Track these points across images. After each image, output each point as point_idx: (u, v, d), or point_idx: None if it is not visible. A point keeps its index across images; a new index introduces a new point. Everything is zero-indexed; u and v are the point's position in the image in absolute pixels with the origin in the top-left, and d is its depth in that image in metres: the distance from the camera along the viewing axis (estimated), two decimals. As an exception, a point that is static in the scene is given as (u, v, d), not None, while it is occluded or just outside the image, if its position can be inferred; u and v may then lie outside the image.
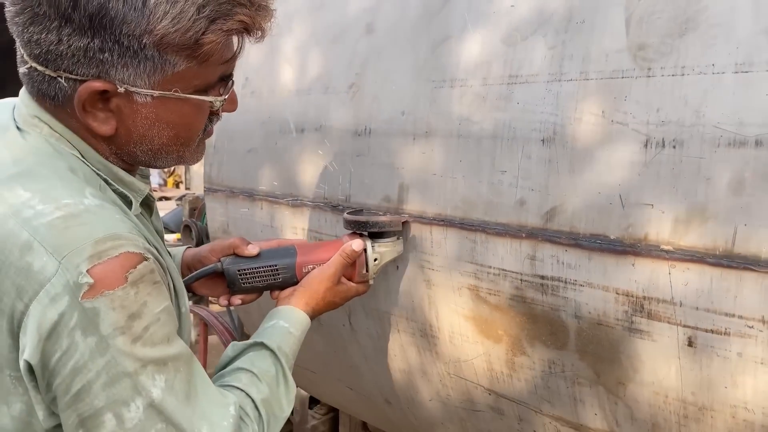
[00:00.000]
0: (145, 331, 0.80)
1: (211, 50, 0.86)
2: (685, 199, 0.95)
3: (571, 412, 1.19)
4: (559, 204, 1.10)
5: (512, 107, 1.16)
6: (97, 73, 0.83)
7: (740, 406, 0.95)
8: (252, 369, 1.02)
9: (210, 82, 0.91)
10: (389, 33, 1.42)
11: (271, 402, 1.01)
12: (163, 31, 0.81)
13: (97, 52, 0.82)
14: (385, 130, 1.40)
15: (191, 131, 0.95)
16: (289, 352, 1.09)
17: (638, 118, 1.00)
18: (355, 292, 1.28)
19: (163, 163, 0.98)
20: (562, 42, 1.10)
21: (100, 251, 0.77)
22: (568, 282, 1.10)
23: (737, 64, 0.91)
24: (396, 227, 1.31)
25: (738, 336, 0.92)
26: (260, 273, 1.24)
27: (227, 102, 0.97)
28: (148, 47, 0.83)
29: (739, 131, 0.90)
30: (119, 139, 0.91)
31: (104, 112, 0.88)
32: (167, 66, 0.85)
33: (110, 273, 0.77)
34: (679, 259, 0.96)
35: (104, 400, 0.78)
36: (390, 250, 1.31)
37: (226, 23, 0.85)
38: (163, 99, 0.88)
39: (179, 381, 0.84)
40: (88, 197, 0.83)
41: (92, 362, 0.77)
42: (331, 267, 1.23)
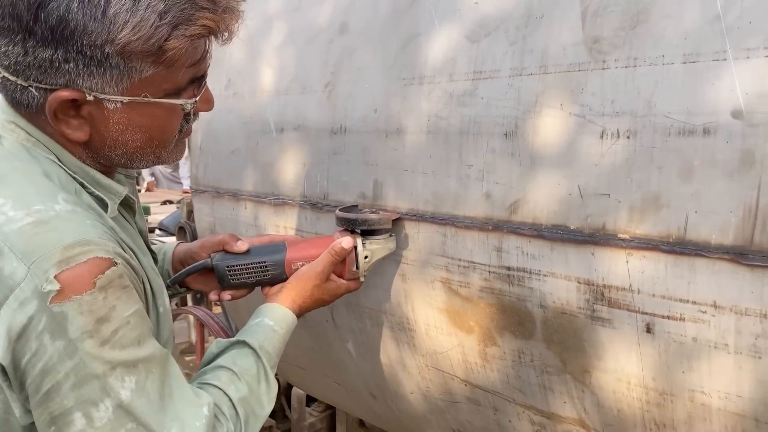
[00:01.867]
0: (114, 335, 0.82)
1: (176, 55, 0.86)
2: (639, 189, 0.97)
3: (541, 401, 1.21)
4: (522, 196, 1.12)
5: (477, 102, 1.18)
6: (65, 83, 0.85)
7: (697, 390, 0.97)
8: (232, 367, 1.03)
9: (180, 84, 0.92)
10: (362, 32, 1.45)
11: (249, 401, 1.01)
12: (125, 39, 0.82)
13: (62, 62, 0.83)
14: (360, 128, 1.42)
15: (165, 133, 0.96)
16: (271, 351, 1.09)
17: (594, 110, 1.02)
18: (345, 290, 1.28)
19: (141, 164, 0.99)
20: (523, 37, 1.12)
21: (68, 257, 0.79)
22: (533, 272, 1.12)
23: (685, 55, 0.92)
24: (386, 225, 1.30)
25: (692, 321, 0.94)
26: (249, 269, 1.24)
27: (202, 102, 0.98)
28: (112, 56, 0.84)
29: (687, 120, 0.92)
30: (94, 144, 0.93)
31: (77, 119, 0.89)
32: (134, 72, 0.86)
33: (78, 278, 0.79)
34: (636, 247, 0.98)
35: (73, 400, 0.80)
36: (381, 247, 1.30)
37: (189, 28, 0.85)
38: (134, 104, 0.89)
39: (151, 382, 0.85)
40: (60, 203, 0.85)
41: (61, 364, 0.79)
42: (320, 264, 1.23)
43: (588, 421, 1.15)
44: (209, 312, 2.89)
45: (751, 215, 0.86)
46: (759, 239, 0.86)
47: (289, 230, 1.64)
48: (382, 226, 1.29)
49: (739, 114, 0.87)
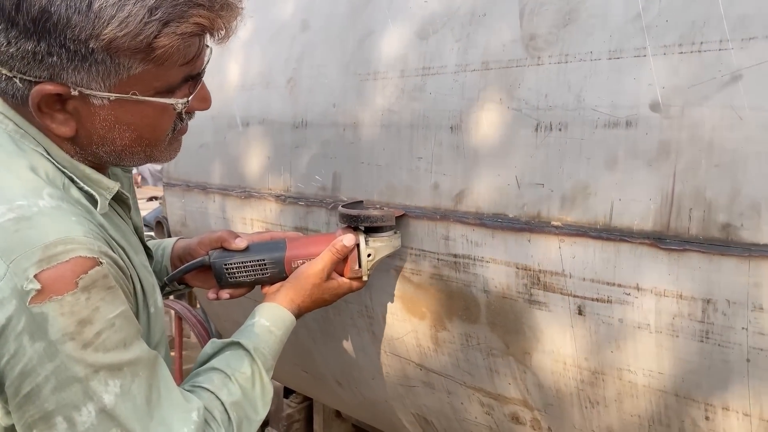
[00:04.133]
0: (97, 337, 0.79)
1: (167, 53, 0.82)
2: (569, 178, 1.02)
3: (489, 383, 1.27)
4: (466, 187, 1.17)
5: (425, 97, 1.23)
6: (49, 76, 0.82)
7: (624, 368, 1.02)
8: (225, 369, 1.00)
9: (173, 83, 0.88)
10: (322, 29, 1.49)
11: (243, 405, 0.98)
12: (111, 35, 0.79)
13: (46, 55, 0.80)
14: (319, 121, 1.47)
15: (156, 132, 0.92)
16: (267, 353, 1.06)
17: (530, 104, 1.07)
18: (347, 289, 1.22)
19: (131, 162, 0.95)
20: (467, 35, 1.18)
21: (49, 256, 0.76)
22: (476, 259, 1.17)
23: (610, 51, 0.98)
24: (389, 221, 1.23)
25: (618, 303, 0.99)
26: (247, 267, 1.21)
27: (198, 101, 0.94)
28: (97, 51, 0.80)
29: (612, 113, 0.97)
30: (80, 140, 0.89)
31: (62, 113, 0.86)
32: (121, 69, 0.83)
33: (59, 278, 0.76)
34: (567, 233, 1.03)
35: (54, 403, 0.78)
36: (385, 245, 1.23)
37: (181, 26, 0.81)
38: (122, 101, 0.85)
39: (137, 386, 0.83)
40: (44, 198, 0.81)
41: (41, 366, 0.77)
42: (320, 262, 1.17)
43: (531, 401, 1.21)
44: (188, 306, 2.93)
45: (667, 202, 0.92)
46: (674, 225, 0.92)
47: (256, 222, 1.69)
48: (386, 223, 1.23)
49: (656, 107, 0.92)
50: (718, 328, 0.90)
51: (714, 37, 0.87)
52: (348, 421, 2.68)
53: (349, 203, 1.33)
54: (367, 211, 1.23)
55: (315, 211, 1.49)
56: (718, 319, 0.89)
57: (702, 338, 0.92)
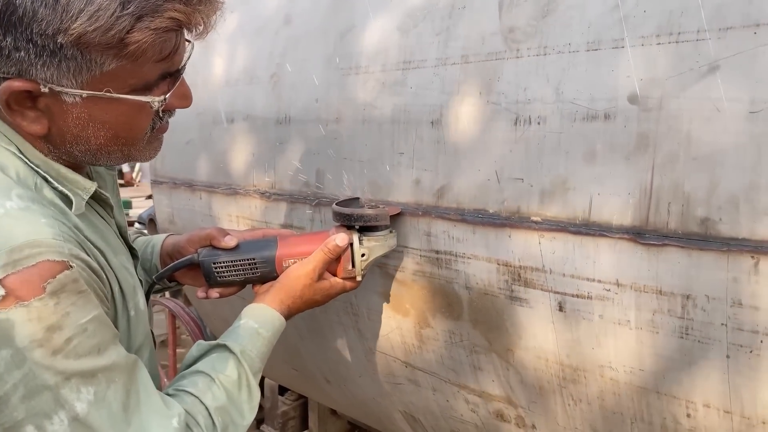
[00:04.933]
0: (68, 343, 0.76)
1: (140, 49, 0.78)
2: (549, 173, 1.01)
3: (473, 380, 1.25)
4: (447, 182, 1.16)
5: (406, 92, 1.22)
6: (17, 72, 0.78)
7: (606, 365, 1.01)
8: (210, 373, 0.97)
9: (149, 80, 0.84)
10: (304, 23, 1.48)
11: (228, 409, 0.95)
12: (80, 30, 0.75)
13: (12, 50, 0.76)
14: (303, 117, 1.45)
15: (133, 131, 0.88)
16: (255, 355, 1.02)
17: (509, 97, 1.05)
18: (340, 289, 1.18)
19: (107, 161, 0.91)
20: (447, 28, 1.16)
21: (15, 260, 0.73)
22: (458, 255, 1.16)
23: (588, 43, 0.96)
24: (384, 220, 1.18)
25: (598, 299, 0.98)
26: (237, 266, 1.18)
27: (177, 98, 0.90)
28: (67, 47, 0.76)
29: (591, 106, 0.95)
30: (54, 138, 0.86)
31: (33, 111, 0.83)
32: (93, 65, 0.79)
33: (26, 283, 0.73)
34: (547, 229, 1.02)
35: (24, 412, 0.75)
36: (380, 244, 1.19)
37: (155, 21, 0.78)
38: (95, 99, 0.82)
39: (113, 392, 0.80)
40: (12, 199, 0.78)
41: (8, 374, 0.74)
42: (311, 262, 1.13)
43: (514, 398, 1.19)
44: (181, 304, 2.93)
45: (646, 196, 0.90)
46: (653, 219, 0.90)
47: (241, 219, 1.67)
48: (380, 222, 1.18)
49: (634, 99, 0.91)
50: (697, 324, 0.88)
51: (691, 27, 0.85)
52: (343, 418, 2.68)
53: (344, 200, 1.28)
54: (360, 210, 1.19)
55: (299, 208, 1.48)
56: (697, 315, 0.88)
57: (682, 334, 0.90)
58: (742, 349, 0.85)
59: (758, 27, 0.80)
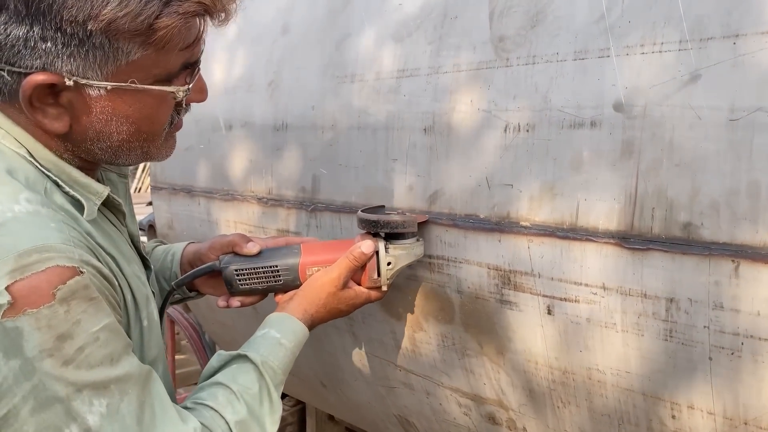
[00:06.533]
0: (79, 353, 0.73)
1: (168, 35, 0.78)
2: (537, 179, 1.03)
3: (465, 383, 1.27)
4: (439, 188, 1.18)
5: (400, 99, 1.24)
6: (42, 65, 0.76)
7: (593, 368, 1.03)
8: (231, 385, 0.93)
9: (172, 70, 0.83)
10: (301, 32, 1.50)
11: (248, 424, 0.91)
12: (111, 15, 0.74)
13: (39, 41, 0.75)
14: (299, 124, 1.48)
15: (155, 125, 0.87)
16: (276, 367, 0.98)
17: (499, 105, 1.08)
18: (365, 299, 1.15)
19: (126, 160, 0.90)
20: (439, 37, 1.18)
21: (23, 265, 0.71)
22: (450, 260, 1.18)
23: (576, 52, 0.98)
24: (411, 227, 1.15)
25: (585, 303, 1.00)
26: (259, 274, 1.14)
27: (195, 91, 0.89)
28: (96, 34, 0.75)
29: (577, 114, 0.98)
30: (74, 136, 0.84)
31: (55, 107, 0.81)
32: (120, 54, 0.78)
33: (35, 289, 0.71)
34: (535, 233, 1.04)
35: (34, 426, 0.72)
36: (406, 253, 1.15)
37: (183, 5, 0.77)
38: (119, 91, 0.81)
39: (127, 404, 0.77)
40: (21, 203, 0.76)
41: (17, 386, 0.71)
42: (336, 270, 1.11)
43: (505, 401, 1.21)
44: (180, 309, 2.94)
45: (631, 202, 0.92)
46: (638, 224, 0.92)
47: (239, 225, 1.70)
48: (407, 229, 1.15)
49: (620, 107, 0.93)
50: (681, 327, 0.90)
51: (674, 37, 0.88)
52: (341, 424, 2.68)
53: (369, 208, 1.24)
54: (387, 217, 1.16)
55: (295, 213, 1.50)
56: (681, 318, 0.90)
57: (666, 337, 0.92)
58: (724, 351, 0.86)
59: (737, 38, 0.82)
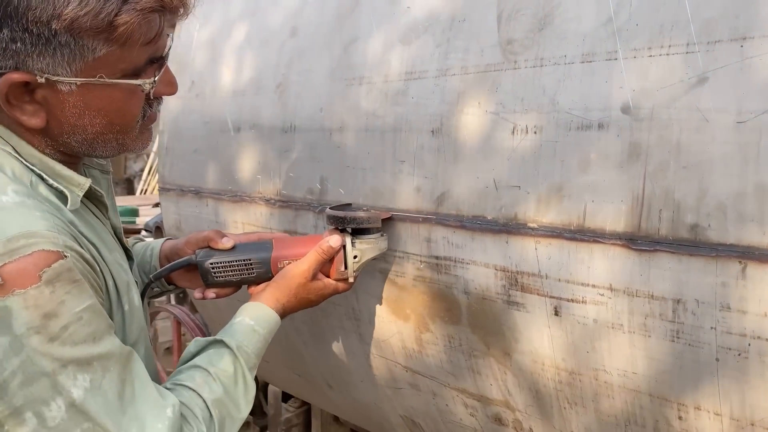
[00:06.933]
0: (64, 331, 0.79)
1: (128, 31, 0.83)
2: (544, 180, 1.04)
3: (472, 384, 1.28)
4: (447, 189, 1.19)
5: (408, 102, 1.25)
6: (14, 65, 0.82)
7: (600, 368, 1.03)
8: (208, 367, 1.00)
9: (138, 64, 0.89)
10: (310, 35, 1.52)
11: (225, 402, 0.98)
12: (72, 14, 0.79)
13: (9, 42, 0.81)
14: (307, 126, 1.49)
15: (126, 117, 0.92)
16: (251, 351, 1.05)
17: (507, 107, 1.08)
18: (333, 290, 1.22)
19: (103, 152, 0.95)
20: (447, 40, 1.19)
21: (11, 249, 0.77)
22: (457, 261, 1.19)
23: (583, 55, 0.99)
24: (375, 223, 1.24)
25: (593, 304, 1.00)
26: (233, 267, 1.21)
27: (163, 84, 0.94)
28: (60, 33, 0.81)
29: (585, 116, 0.98)
30: (51, 130, 0.90)
31: (31, 104, 0.86)
32: (86, 51, 0.83)
33: (22, 272, 0.76)
34: (543, 235, 1.04)
35: (22, 398, 0.77)
36: (372, 247, 1.23)
37: (140, 2, 0.82)
38: (89, 86, 0.86)
39: (108, 380, 0.83)
40: (8, 194, 0.82)
41: (6, 361, 0.77)
42: (305, 263, 1.18)
43: (512, 402, 1.22)
44: (186, 310, 2.96)
45: (638, 203, 0.93)
46: (645, 225, 0.93)
47: (247, 226, 1.71)
48: (372, 225, 1.23)
49: (627, 109, 0.94)
50: (688, 328, 0.91)
51: (681, 40, 0.88)
52: (346, 425, 2.69)
53: (337, 205, 1.33)
54: (353, 213, 1.23)
55: (303, 215, 1.51)
56: (688, 319, 0.90)
57: (673, 338, 0.92)
58: (731, 352, 0.87)
59: (744, 41, 0.83)
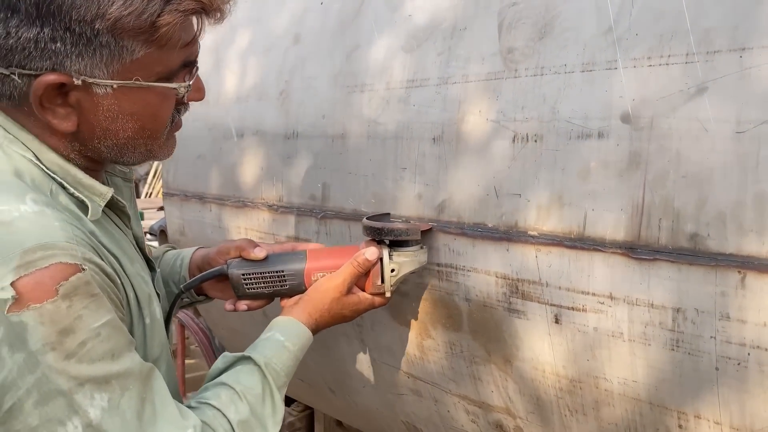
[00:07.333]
0: (81, 347, 0.76)
1: (169, 33, 0.83)
2: (545, 188, 1.04)
3: (473, 391, 1.28)
4: (448, 197, 1.19)
5: (409, 109, 1.26)
6: (51, 66, 0.81)
7: (600, 376, 1.03)
8: (234, 386, 0.96)
9: (173, 68, 0.88)
10: (312, 43, 1.52)
11: (251, 424, 0.94)
12: (116, 14, 0.79)
13: (49, 42, 0.79)
14: (310, 133, 1.50)
15: (157, 122, 0.91)
16: (280, 369, 1.01)
17: (507, 115, 1.09)
18: (368, 305, 1.17)
19: (131, 158, 0.94)
20: (449, 48, 1.20)
21: (27, 262, 0.74)
22: (458, 268, 1.19)
23: (583, 64, 1.00)
24: (415, 235, 1.18)
25: (593, 312, 1.01)
26: (265, 278, 1.17)
27: (193, 90, 0.94)
28: (102, 33, 0.80)
29: (585, 125, 0.99)
30: (82, 135, 0.88)
31: (64, 107, 0.85)
32: (125, 53, 0.83)
33: (38, 285, 0.74)
34: (543, 243, 1.05)
35: (38, 418, 0.75)
36: (410, 260, 1.18)
37: (183, 3, 0.82)
38: (125, 89, 0.85)
39: (127, 400, 0.80)
40: (27, 203, 0.79)
41: (21, 379, 0.74)
42: (340, 276, 1.14)
43: (513, 409, 1.22)
44: (190, 314, 2.97)
45: (638, 212, 0.93)
46: (645, 234, 0.93)
47: (250, 232, 1.72)
48: (411, 237, 1.18)
49: (627, 118, 0.94)
50: (687, 337, 0.91)
51: (681, 50, 0.89)
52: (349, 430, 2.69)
53: (375, 215, 1.27)
54: (391, 224, 1.19)
55: (305, 221, 1.52)
56: (687, 328, 0.90)
57: (673, 347, 0.93)
58: (731, 362, 0.87)
59: (743, 51, 0.83)
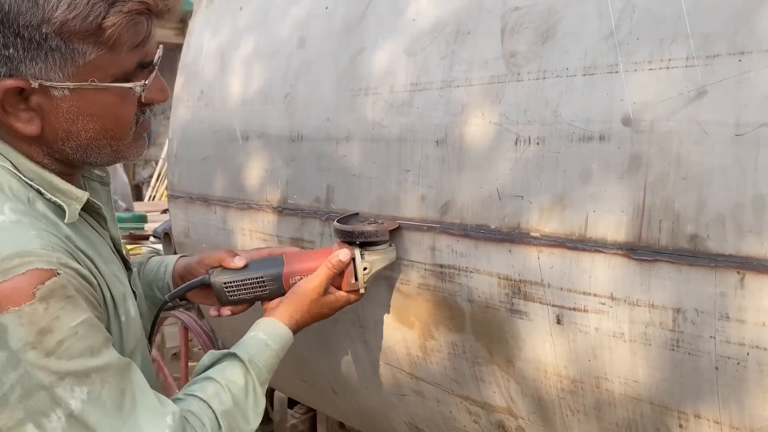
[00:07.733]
0: (60, 345, 0.81)
1: (116, 34, 0.85)
2: (547, 190, 1.05)
3: (475, 392, 1.29)
4: (451, 198, 1.20)
5: (413, 112, 1.27)
6: (8, 72, 0.85)
7: (601, 377, 1.04)
8: (219, 379, 1.03)
9: (128, 69, 0.91)
10: (317, 46, 1.54)
11: (234, 414, 1.01)
12: (62, 17, 0.82)
13: (2, 48, 0.83)
14: (314, 135, 1.51)
15: (119, 123, 0.95)
16: (262, 365, 1.08)
17: (510, 118, 1.10)
18: (344, 302, 1.25)
19: (98, 159, 0.97)
20: (452, 52, 1.21)
21: (5, 269, 0.79)
22: (461, 269, 1.20)
23: (585, 68, 1.01)
24: (383, 236, 1.25)
25: (594, 312, 1.02)
26: (246, 285, 1.24)
27: (155, 91, 0.97)
28: (51, 37, 0.83)
29: (586, 128, 1.00)
30: (46, 138, 0.91)
31: (26, 111, 0.89)
32: (77, 55, 0.86)
33: (16, 290, 0.79)
34: (545, 244, 1.06)
35: (23, 411, 0.80)
36: (380, 258, 1.26)
37: (126, 4, 0.85)
38: (82, 91, 0.88)
39: (107, 391, 0.85)
40: (5, 213, 0.84)
41: (5, 376, 0.79)
42: (317, 278, 1.21)
43: (515, 409, 1.23)
44: (193, 316, 2.98)
45: (638, 214, 0.95)
46: (645, 236, 0.94)
47: (255, 234, 1.73)
48: (380, 238, 1.25)
49: (628, 121, 0.95)
50: (688, 337, 0.92)
51: (681, 54, 0.90)
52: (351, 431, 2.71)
53: (344, 216, 1.34)
54: (361, 227, 1.26)
55: (309, 223, 1.53)
56: (687, 328, 0.92)
57: (673, 347, 0.94)
58: (730, 361, 0.88)
59: (743, 55, 0.84)
